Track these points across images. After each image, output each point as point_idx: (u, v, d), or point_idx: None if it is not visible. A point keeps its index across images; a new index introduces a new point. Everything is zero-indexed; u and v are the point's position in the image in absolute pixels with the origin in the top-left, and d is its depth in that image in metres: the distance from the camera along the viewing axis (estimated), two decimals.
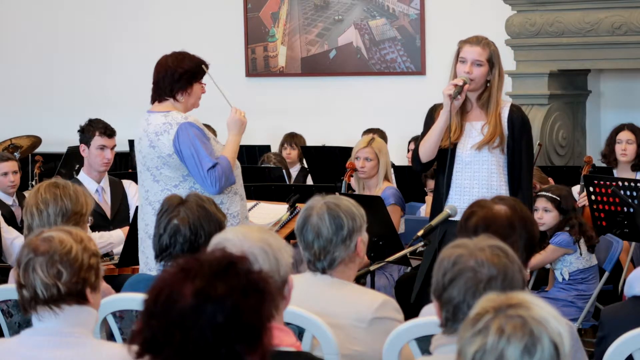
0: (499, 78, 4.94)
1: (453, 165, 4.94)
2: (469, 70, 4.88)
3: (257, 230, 2.96)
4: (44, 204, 4.02)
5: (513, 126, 4.95)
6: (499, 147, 4.91)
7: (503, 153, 4.93)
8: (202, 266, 2.14)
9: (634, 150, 7.17)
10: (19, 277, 2.94)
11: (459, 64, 4.93)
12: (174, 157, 4.95)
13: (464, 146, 4.94)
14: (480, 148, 4.91)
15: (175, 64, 5.03)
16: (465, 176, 4.94)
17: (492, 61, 4.92)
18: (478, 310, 2.09)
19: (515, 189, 4.92)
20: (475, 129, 4.95)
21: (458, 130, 4.93)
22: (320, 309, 3.48)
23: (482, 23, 8.58)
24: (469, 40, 4.97)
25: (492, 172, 4.91)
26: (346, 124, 9.72)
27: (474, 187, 4.90)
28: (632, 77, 8.73)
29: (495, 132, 4.90)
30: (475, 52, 4.91)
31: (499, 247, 2.76)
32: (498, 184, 4.92)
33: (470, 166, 4.93)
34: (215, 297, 2.10)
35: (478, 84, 4.92)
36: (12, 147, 9.63)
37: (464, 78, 4.86)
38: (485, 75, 4.92)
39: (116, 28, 10.83)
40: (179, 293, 2.11)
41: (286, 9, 10.13)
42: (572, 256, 5.93)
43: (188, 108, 5.09)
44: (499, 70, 4.94)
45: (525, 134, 5.00)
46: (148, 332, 2.13)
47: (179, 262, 2.17)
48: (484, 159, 4.92)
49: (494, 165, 4.91)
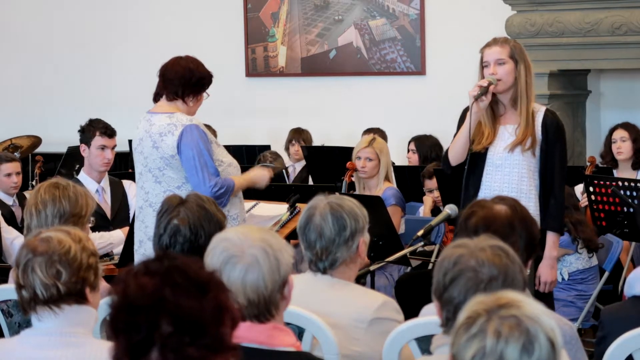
0: (527, 73, 4.82)
1: (483, 168, 4.85)
2: (493, 71, 4.79)
3: (257, 230, 2.96)
4: (43, 205, 4.02)
5: (547, 131, 4.83)
6: (530, 149, 4.80)
7: (534, 156, 4.82)
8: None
9: (630, 147, 7.15)
10: (18, 277, 2.94)
11: (484, 69, 4.84)
12: (177, 158, 4.95)
13: (495, 149, 4.84)
14: (512, 149, 4.80)
15: (195, 67, 5.04)
16: (495, 179, 4.84)
17: (515, 57, 4.82)
18: (469, 314, 2.09)
19: (547, 194, 4.83)
20: (508, 131, 4.84)
21: (491, 135, 4.83)
22: (321, 309, 3.48)
23: (482, 23, 8.59)
24: (487, 44, 4.88)
25: (522, 176, 4.81)
26: (346, 124, 9.72)
27: (504, 191, 4.73)
28: (632, 77, 8.73)
29: (527, 132, 4.79)
30: (495, 52, 4.83)
31: (500, 247, 2.76)
32: (528, 188, 4.81)
33: (501, 169, 4.83)
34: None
35: (507, 83, 4.81)
36: (12, 147, 9.63)
37: (490, 79, 4.76)
38: (511, 72, 4.80)
39: (116, 28, 10.83)
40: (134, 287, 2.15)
41: (286, 9, 10.13)
42: (572, 256, 5.93)
43: (191, 113, 5.09)
44: (525, 65, 4.83)
45: (559, 139, 4.87)
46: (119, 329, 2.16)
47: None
48: (515, 162, 4.81)
49: (524, 169, 4.81)
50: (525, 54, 4.89)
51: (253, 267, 2.85)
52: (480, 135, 4.83)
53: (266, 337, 2.86)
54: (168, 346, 2.09)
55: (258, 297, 2.86)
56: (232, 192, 5.00)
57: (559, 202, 4.84)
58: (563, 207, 4.95)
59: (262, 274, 2.86)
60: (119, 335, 2.13)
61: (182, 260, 2.20)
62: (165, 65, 5.09)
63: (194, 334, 2.11)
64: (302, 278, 3.56)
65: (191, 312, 2.11)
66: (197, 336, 2.12)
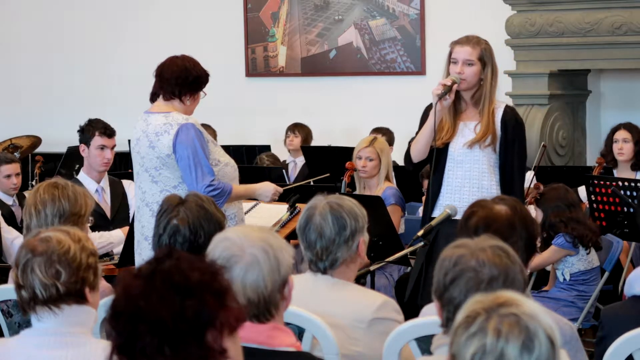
0: (492, 76, 4.93)
1: (445, 164, 4.94)
2: (460, 70, 4.89)
3: (257, 230, 2.95)
4: (42, 204, 4.01)
5: (506, 127, 4.93)
6: (490, 145, 4.90)
7: (495, 152, 4.92)
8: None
9: (631, 149, 7.15)
10: (18, 277, 2.93)
11: (451, 65, 4.95)
12: (173, 158, 4.95)
13: (456, 145, 4.93)
14: (471, 146, 4.90)
15: (192, 66, 5.04)
16: (456, 175, 4.94)
17: (484, 60, 4.91)
18: (468, 313, 2.08)
19: (507, 190, 4.88)
20: (469, 128, 4.94)
21: (451, 130, 4.93)
22: (321, 309, 3.47)
23: (482, 23, 8.58)
24: (459, 40, 4.99)
25: (483, 172, 4.90)
26: (346, 124, 9.72)
27: (465, 186, 4.89)
28: (632, 77, 8.73)
29: (487, 130, 4.88)
30: (466, 51, 4.92)
31: (501, 247, 2.76)
32: (489, 183, 4.91)
33: (462, 165, 4.93)
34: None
35: (470, 83, 4.92)
36: (12, 147, 9.63)
37: (454, 78, 4.87)
38: (477, 74, 4.91)
39: (116, 28, 10.83)
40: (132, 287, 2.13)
41: (286, 9, 10.13)
42: (574, 257, 5.92)
43: (188, 112, 5.09)
44: (492, 68, 4.93)
45: (518, 135, 4.97)
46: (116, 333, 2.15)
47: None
48: (476, 158, 4.91)
49: (485, 165, 4.90)
50: (493, 56, 4.97)
51: (253, 267, 2.85)
52: (440, 130, 4.90)
53: (266, 337, 2.86)
54: (147, 353, 2.08)
55: (258, 297, 2.85)
56: (228, 197, 4.97)
57: (518, 198, 4.89)
58: (522, 202, 5.00)
59: (262, 274, 2.85)
60: (109, 337, 2.14)
61: (176, 262, 2.16)
62: (162, 64, 5.08)
63: (173, 341, 2.08)
64: (302, 278, 3.56)
65: (169, 319, 2.08)
66: (177, 343, 2.09)
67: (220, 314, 2.12)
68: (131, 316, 2.09)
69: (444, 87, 4.84)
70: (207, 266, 2.20)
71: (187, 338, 2.10)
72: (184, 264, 2.16)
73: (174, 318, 2.08)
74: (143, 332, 2.08)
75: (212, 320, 2.11)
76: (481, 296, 2.11)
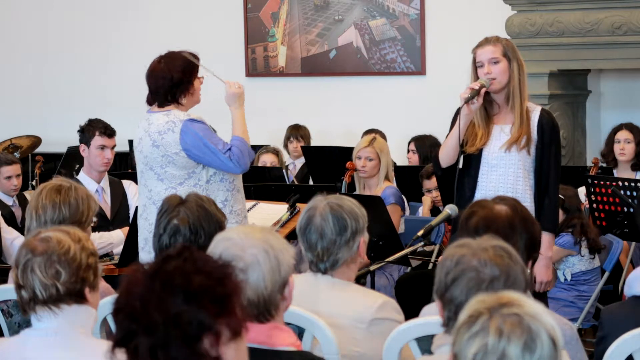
0: (520, 71, 4.80)
1: (479, 168, 4.81)
2: (487, 70, 4.76)
3: (258, 230, 2.95)
4: (42, 210, 3.98)
5: (543, 131, 4.80)
6: (526, 147, 4.76)
7: (530, 155, 4.79)
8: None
9: (633, 150, 7.15)
10: (18, 277, 2.93)
11: (478, 70, 4.81)
12: (181, 155, 4.96)
13: (490, 149, 4.80)
14: (509, 148, 4.76)
15: (170, 69, 5.00)
16: (491, 179, 4.80)
17: (508, 55, 4.79)
18: (471, 312, 2.08)
19: (542, 194, 4.79)
20: (504, 131, 4.81)
21: (485, 136, 4.80)
22: (321, 309, 3.47)
23: (482, 23, 8.57)
24: (479, 44, 4.85)
25: (518, 176, 4.77)
26: (346, 124, 9.72)
27: (499, 191, 4.68)
28: (632, 77, 8.73)
29: (522, 131, 4.76)
30: (488, 51, 4.80)
31: (502, 247, 2.76)
32: (523, 187, 4.77)
33: (497, 169, 4.79)
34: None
35: (502, 82, 4.78)
36: (12, 147, 9.63)
37: (483, 81, 4.73)
38: (506, 70, 4.78)
39: (116, 28, 10.83)
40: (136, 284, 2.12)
41: (286, 9, 10.13)
42: (575, 257, 5.92)
43: (191, 106, 5.10)
44: (518, 62, 4.80)
45: (555, 139, 4.85)
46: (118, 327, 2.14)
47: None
48: (511, 162, 4.77)
49: (520, 168, 4.77)
50: (517, 51, 4.87)
51: (253, 267, 2.85)
52: (474, 137, 4.80)
53: (266, 337, 2.86)
54: (140, 353, 2.07)
55: (258, 297, 2.85)
56: (246, 144, 5.14)
57: (553, 203, 4.82)
58: (557, 207, 4.93)
59: (262, 274, 2.85)
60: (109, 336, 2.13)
61: (182, 263, 2.13)
62: (146, 74, 5.10)
63: (165, 345, 2.06)
64: (302, 278, 3.56)
65: (161, 323, 2.06)
66: (169, 347, 2.07)
67: (219, 321, 2.08)
68: (128, 314, 2.09)
69: (472, 91, 4.69)
70: (214, 269, 2.14)
71: (179, 343, 2.06)
72: (189, 265, 2.12)
73: (167, 322, 2.06)
74: (137, 332, 2.07)
75: (209, 327, 2.07)
76: (484, 296, 2.11)
